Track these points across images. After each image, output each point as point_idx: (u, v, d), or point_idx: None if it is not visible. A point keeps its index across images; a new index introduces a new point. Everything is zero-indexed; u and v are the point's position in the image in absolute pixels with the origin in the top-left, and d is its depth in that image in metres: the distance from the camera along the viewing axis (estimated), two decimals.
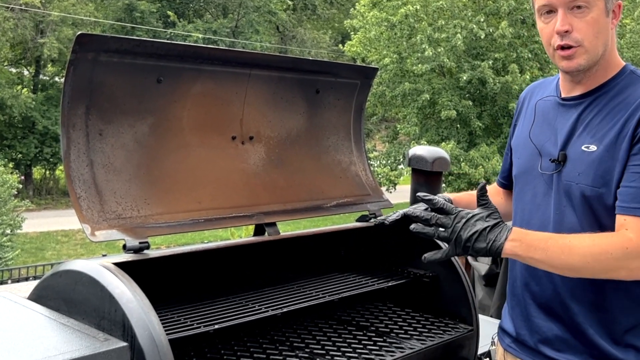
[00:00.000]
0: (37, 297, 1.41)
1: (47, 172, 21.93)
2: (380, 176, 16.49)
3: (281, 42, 28.46)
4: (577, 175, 1.42)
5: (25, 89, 21.23)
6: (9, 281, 8.54)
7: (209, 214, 1.64)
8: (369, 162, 2.18)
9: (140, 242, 1.45)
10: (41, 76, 22.47)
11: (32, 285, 1.46)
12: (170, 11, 24.98)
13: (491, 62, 15.52)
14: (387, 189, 16.23)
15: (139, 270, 1.37)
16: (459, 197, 1.74)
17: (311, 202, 1.92)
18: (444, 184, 14.77)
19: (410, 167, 2.77)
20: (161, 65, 1.57)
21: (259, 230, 1.83)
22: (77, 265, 1.32)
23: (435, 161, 2.68)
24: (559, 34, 1.41)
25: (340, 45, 20.90)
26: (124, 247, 1.44)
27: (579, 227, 1.41)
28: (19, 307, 1.36)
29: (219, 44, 23.39)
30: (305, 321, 1.78)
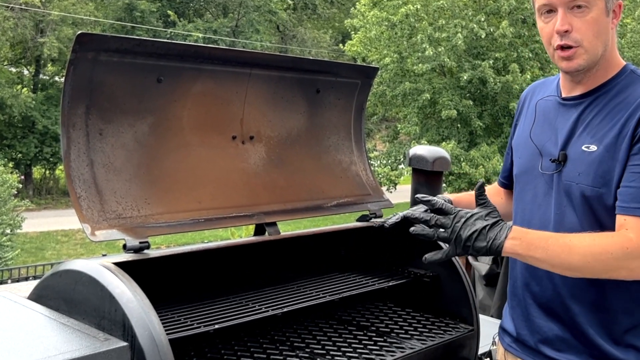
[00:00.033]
0: (37, 296, 1.40)
1: (47, 171, 21.94)
2: (380, 176, 16.50)
3: (281, 41, 28.46)
4: (577, 175, 1.42)
5: (25, 89, 21.23)
6: (9, 281, 8.55)
7: (209, 214, 1.64)
8: (370, 161, 2.18)
9: (140, 242, 1.45)
10: (41, 76, 22.47)
11: (32, 285, 1.46)
12: (170, 11, 24.98)
13: (492, 61, 15.52)
14: (388, 189, 16.23)
15: (139, 270, 1.37)
16: (459, 197, 1.74)
17: (311, 202, 1.92)
18: (445, 184, 14.76)
19: (410, 166, 2.76)
20: (161, 64, 1.56)
21: (259, 230, 1.83)
22: (77, 265, 1.32)
23: (435, 161, 2.68)
24: (558, 33, 1.41)
25: (340, 44, 20.91)
26: (124, 246, 1.44)
27: (579, 227, 1.41)
28: (19, 306, 1.36)
29: (219, 44, 23.40)
30: (305, 321, 1.78)
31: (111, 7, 24.15)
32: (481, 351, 1.92)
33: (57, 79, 22.14)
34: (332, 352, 1.59)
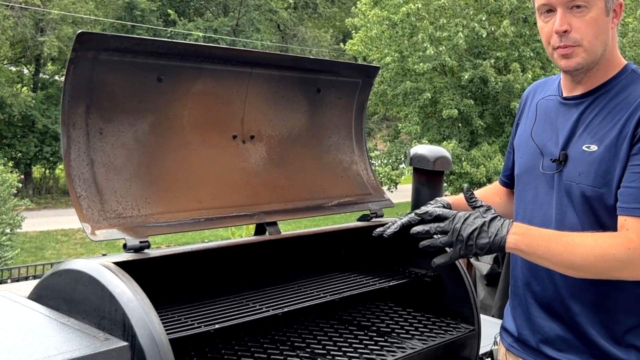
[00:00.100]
0: (37, 296, 1.40)
1: (47, 171, 21.94)
2: (381, 175, 16.48)
3: (282, 40, 28.46)
4: (577, 175, 1.41)
5: (25, 88, 21.22)
6: (9, 280, 8.56)
7: (210, 213, 1.63)
8: (370, 161, 2.18)
9: (140, 242, 1.45)
10: (41, 75, 22.48)
11: (32, 284, 1.46)
12: (170, 10, 24.97)
13: (493, 61, 15.50)
14: (389, 188, 16.22)
15: (139, 269, 1.37)
16: (458, 199, 1.74)
17: (312, 202, 1.91)
18: (446, 184, 14.75)
19: (411, 166, 2.76)
20: (162, 64, 1.56)
21: (260, 229, 1.83)
22: (77, 264, 1.32)
23: (436, 160, 2.67)
24: (557, 33, 1.41)
25: (341, 43, 20.89)
26: (125, 246, 1.44)
27: (580, 227, 1.41)
28: (19, 306, 1.36)
29: (220, 43, 23.40)
30: (306, 321, 1.78)
31: (111, 6, 24.14)
32: (482, 351, 1.91)
33: (57, 78, 22.14)
34: (332, 352, 1.59)
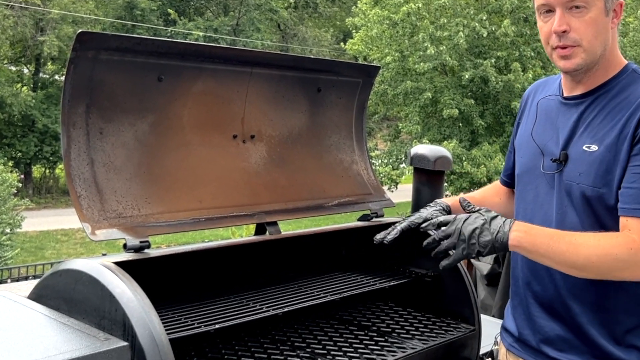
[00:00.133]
0: (37, 296, 1.40)
1: (47, 170, 21.94)
2: (382, 175, 16.48)
3: (282, 40, 28.45)
4: (578, 175, 1.41)
5: (25, 87, 21.21)
6: (9, 280, 8.56)
7: (210, 213, 1.63)
8: (371, 161, 2.18)
9: (140, 241, 1.45)
10: (41, 74, 22.47)
11: (31, 284, 1.46)
12: (170, 9, 24.96)
13: (493, 60, 15.49)
14: (389, 188, 16.22)
15: (139, 269, 1.36)
16: (457, 201, 1.74)
17: (312, 201, 1.91)
18: (446, 183, 14.76)
19: (412, 166, 2.76)
20: (162, 63, 1.56)
21: (260, 229, 1.82)
22: (77, 264, 1.32)
23: (437, 160, 2.67)
24: (556, 34, 1.41)
25: (342, 43, 20.89)
26: (125, 246, 1.44)
27: (581, 227, 1.41)
28: (19, 306, 1.36)
29: (220, 42, 23.40)
30: (306, 321, 1.78)
31: (111, 6, 24.14)
32: (483, 351, 1.91)
33: (57, 77, 22.14)
34: (333, 352, 1.59)
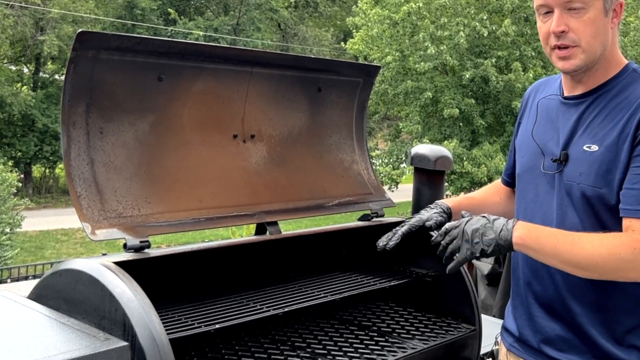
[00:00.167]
0: (37, 296, 1.40)
1: (47, 170, 21.93)
2: (382, 175, 16.47)
3: (283, 39, 28.44)
4: (578, 175, 1.41)
5: (25, 87, 21.18)
6: (9, 280, 8.56)
7: (210, 213, 1.63)
8: (371, 160, 2.18)
9: (140, 241, 1.45)
10: (41, 74, 22.45)
11: (31, 284, 1.46)
12: (171, 9, 24.95)
13: (494, 60, 15.48)
14: (389, 188, 16.22)
15: (139, 269, 1.36)
16: (458, 202, 1.75)
17: (313, 201, 1.91)
18: (447, 183, 14.75)
19: (412, 165, 2.76)
20: (162, 63, 1.56)
21: (260, 229, 1.82)
22: (77, 264, 1.32)
23: (437, 160, 2.67)
24: (554, 34, 1.41)
25: (342, 43, 20.88)
26: (125, 246, 1.44)
27: (581, 227, 1.40)
28: (19, 306, 1.36)
29: (220, 42, 23.39)
30: (307, 321, 1.78)
31: (111, 5, 24.13)
32: (483, 351, 1.91)
33: (57, 77, 22.12)
34: (333, 352, 1.59)
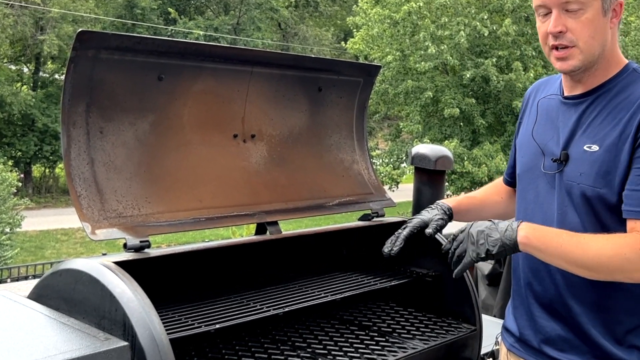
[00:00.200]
0: (37, 296, 1.40)
1: (47, 170, 21.92)
2: (382, 175, 16.46)
3: (283, 39, 28.44)
4: (578, 175, 1.41)
5: (24, 87, 21.16)
6: (9, 280, 8.55)
7: (210, 213, 1.63)
8: (372, 160, 2.18)
9: (141, 241, 1.45)
10: (41, 73, 22.43)
11: (31, 284, 1.45)
12: (171, 8, 24.94)
13: (495, 59, 15.47)
14: (390, 188, 16.21)
15: (139, 269, 1.36)
16: (459, 202, 1.74)
17: (313, 201, 1.91)
18: (447, 183, 14.75)
19: (413, 165, 2.75)
20: (162, 62, 1.56)
21: (261, 229, 1.82)
22: (77, 264, 1.32)
23: (438, 160, 2.67)
24: (552, 34, 1.41)
25: (342, 42, 20.87)
26: (125, 245, 1.44)
27: (581, 227, 1.40)
28: (19, 306, 1.36)
29: (221, 41, 23.39)
30: (307, 321, 1.78)
31: (111, 5, 24.12)
32: (484, 351, 1.91)
33: (57, 76, 22.09)
34: (333, 352, 1.59)
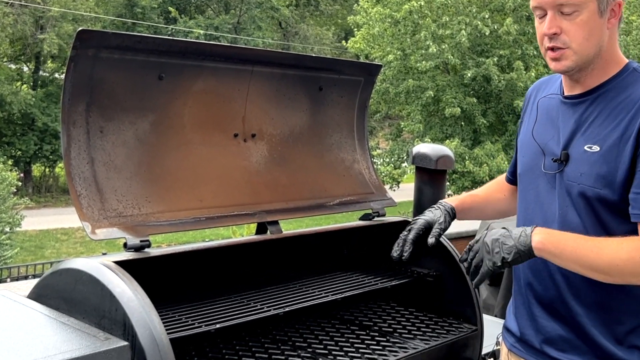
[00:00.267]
0: (36, 295, 1.40)
1: (47, 169, 21.91)
2: (383, 174, 16.46)
3: (284, 38, 28.43)
4: (579, 175, 1.41)
5: (24, 86, 21.14)
6: (8, 280, 8.56)
7: (211, 212, 1.63)
8: (372, 160, 2.17)
9: (141, 241, 1.44)
10: (41, 72, 22.42)
11: (31, 283, 1.45)
12: (171, 7, 24.94)
13: (496, 59, 15.44)
14: (391, 187, 16.19)
15: (139, 268, 1.36)
16: (461, 200, 1.74)
17: (314, 201, 1.91)
18: (448, 182, 14.74)
19: (414, 165, 2.75)
20: (162, 61, 1.56)
21: (261, 228, 1.82)
22: (77, 263, 1.32)
23: (439, 159, 2.66)
24: (547, 36, 1.41)
25: (343, 41, 20.87)
26: (125, 245, 1.43)
27: (582, 227, 1.40)
28: (19, 305, 1.36)
29: (221, 41, 23.38)
30: (307, 320, 1.78)
31: (112, 4, 24.12)
32: (485, 351, 1.91)
33: (57, 75, 22.08)
34: (334, 352, 1.58)
